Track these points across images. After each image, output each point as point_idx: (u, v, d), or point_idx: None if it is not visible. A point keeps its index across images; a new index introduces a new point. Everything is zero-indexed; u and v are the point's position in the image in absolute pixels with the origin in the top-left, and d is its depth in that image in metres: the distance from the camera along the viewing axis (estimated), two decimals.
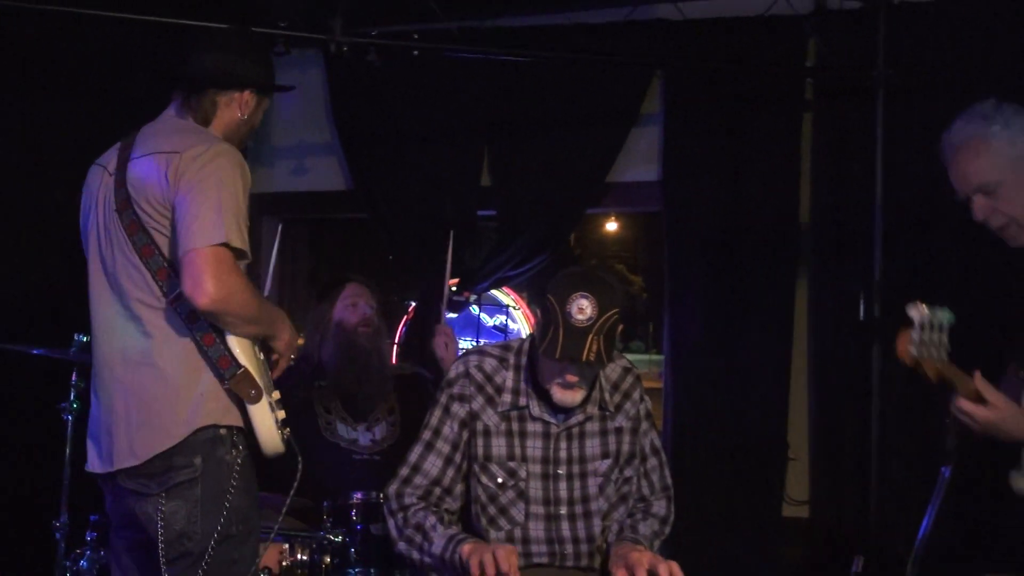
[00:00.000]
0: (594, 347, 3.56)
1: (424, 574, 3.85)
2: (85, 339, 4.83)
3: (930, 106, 5.40)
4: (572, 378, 3.65)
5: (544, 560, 3.75)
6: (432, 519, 3.70)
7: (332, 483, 4.82)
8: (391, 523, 3.81)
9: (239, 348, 3.53)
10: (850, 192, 5.64)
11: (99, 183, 3.70)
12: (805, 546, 5.79)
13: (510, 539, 3.74)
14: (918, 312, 3.46)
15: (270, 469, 4.66)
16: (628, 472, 3.86)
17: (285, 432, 3.62)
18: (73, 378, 4.84)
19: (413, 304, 6.23)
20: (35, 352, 3.81)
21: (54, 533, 4.82)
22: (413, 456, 3.83)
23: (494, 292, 6.42)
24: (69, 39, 5.72)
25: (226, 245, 3.41)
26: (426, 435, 3.84)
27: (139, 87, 5.78)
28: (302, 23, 5.33)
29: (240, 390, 3.51)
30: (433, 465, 3.79)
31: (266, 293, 5.22)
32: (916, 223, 5.45)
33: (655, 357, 6.55)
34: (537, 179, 6.22)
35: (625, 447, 3.85)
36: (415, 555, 3.73)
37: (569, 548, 3.77)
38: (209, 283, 3.36)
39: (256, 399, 3.52)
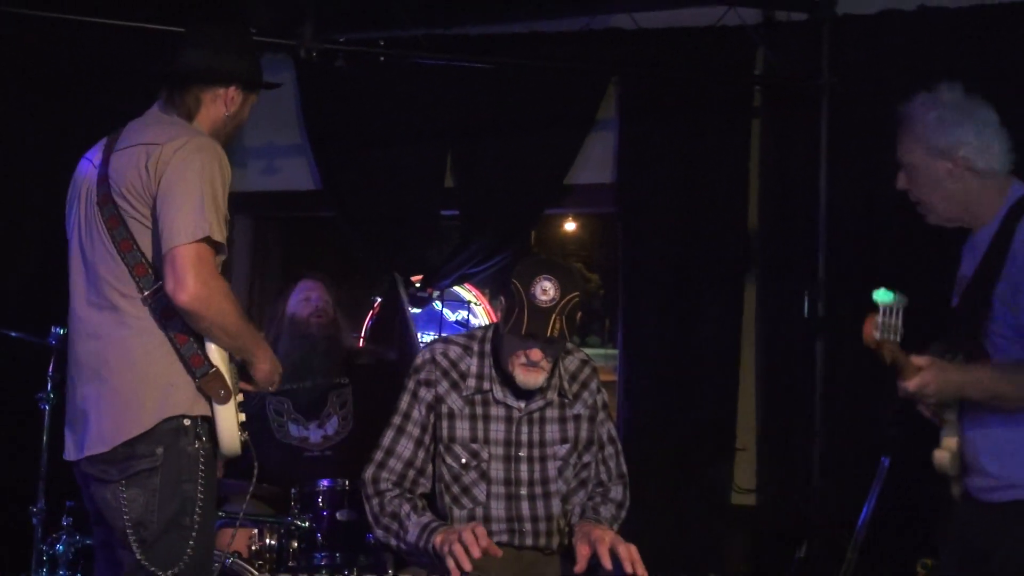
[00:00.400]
0: (557, 325, 3.62)
1: (400, 558, 3.89)
2: (62, 331, 4.80)
3: (872, 113, 5.43)
4: (536, 355, 3.68)
5: (504, 538, 3.76)
6: (407, 507, 3.72)
7: (285, 480, 4.82)
8: (368, 508, 3.82)
9: (214, 348, 3.49)
10: (796, 194, 5.66)
11: (84, 176, 3.66)
12: (752, 533, 5.80)
13: (472, 517, 3.78)
14: (882, 296, 3.49)
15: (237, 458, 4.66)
16: (586, 458, 3.89)
17: (244, 435, 3.58)
18: (50, 369, 4.80)
19: (379, 300, 6.20)
20: (13, 335, 3.78)
21: (31, 518, 4.79)
22: (386, 440, 3.85)
23: (456, 288, 6.42)
24: (50, 41, 5.68)
25: (207, 240, 3.37)
26: (397, 420, 3.86)
27: (121, 86, 5.78)
28: (273, 29, 5.30)
29: (210, 389, 3.47)
30: (405, 448, 3.82)
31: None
32: (859, 223, 5.47)
33: (611, 351, 6.57)
34: (498, 181, 6.21)
35: (583, 434, 3.88)
36: (392, 542, 3.74)
37: (528, 526, 3.80)
38: (191, 281, 3.32)
39: (225, 400, 3.49)
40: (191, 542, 3.45)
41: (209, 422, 3.50)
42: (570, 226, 7.90)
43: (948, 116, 3.74)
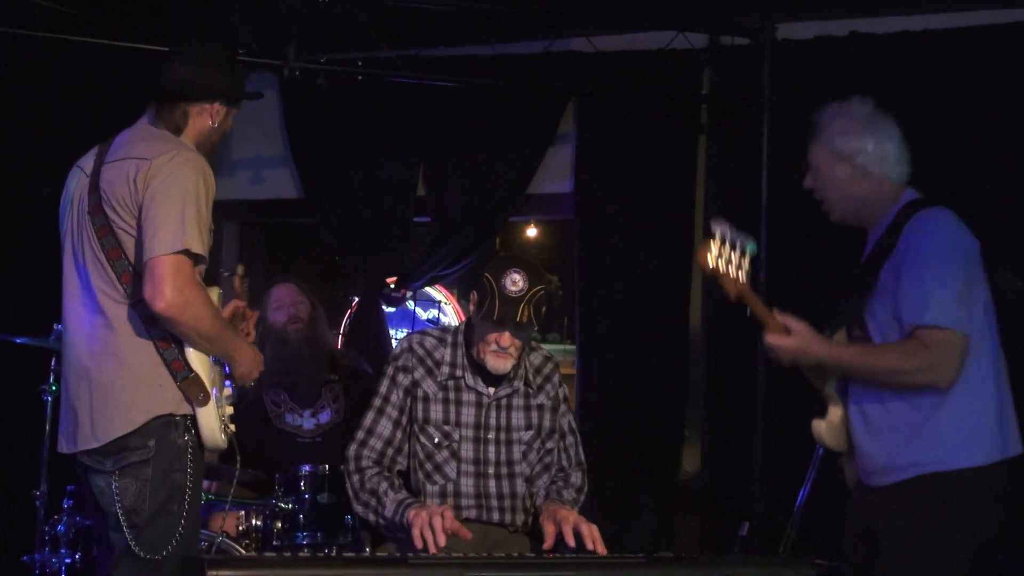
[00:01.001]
0: (525, 313, 3.69)
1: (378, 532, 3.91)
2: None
3: (808, 128, 5.44)
4: (505, 341, 3.74)
5: (472, 513, 3.81)
6: (384, 485, 3.76)
7: (276, 463, 4.81)
8: (349, 483, 3.86)
9: (194, 357, 3.48)
10: (739, 202, 5.69)
11: (76, 184, 3.64)
12: (700, 513, 5.82)
13: (443, 493, 3.82)
14: (720, 226, 3.63)
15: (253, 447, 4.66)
16: (549, 444, 3.94)
17: (230, 428, 3.59)
18: (52, 363, 4.79)
19: (356, 299, 6.21)
20: (18, 341, 3.76)
21: (34, 501, 4.78)
22: (367, 421, 3.89)
23: (428, 289, 6.42)
24: (53, 57, 5.65)
25: (186, 252, 3.35)
26: (377, 402, 3.91)
27: (114, 98, 5.76)
28: (259, 49, 5.29)
29: (190, 392, 3.47)
30: (385, 427, 3.87)
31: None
32: (796, 229, 5.50)
33: (569, 347, 6.58)
34: (466, 190, 6.23)
35: (546, 423, 3.93)
36: (371, 516, 3.78)
37: (495, 503, 3.85)
38: (168, 290, 3.30)
39: (204, 403, 3.48)
40: (180, 528, 3.45)
41: (194, 419, 3.50)
42: (531, 232, 7.90)
43: (852, 126, 3.85)
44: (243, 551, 4.54)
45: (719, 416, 5.78)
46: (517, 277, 3.70)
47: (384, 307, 6.36)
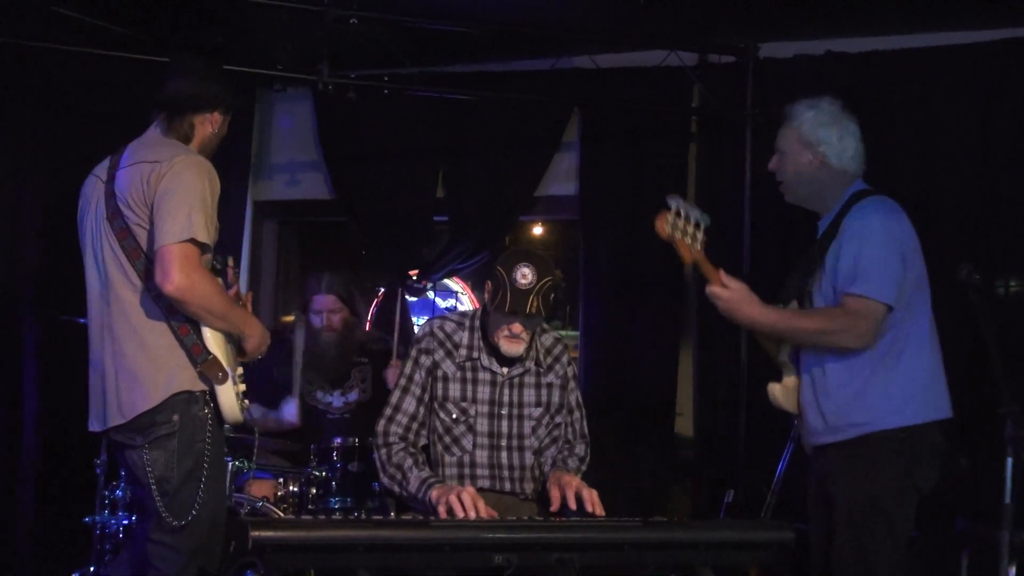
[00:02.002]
0: (535, 304, 3.70)
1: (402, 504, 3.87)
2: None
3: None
4: (517, 328, 3.75)
5: (486, 483, 3.83)
6: (409, 461, 3.75)
7: (308, 437, 4.87)
8: (377, 456, 3.86)
9: (211, 337, 3.49)
10: (725, 203, 5.68)
11: (92, 190, 3.65)
12: (691, 482, 5.83)
13: (460, 464, 3.83)
14: (675, 200, 3.74)
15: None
16: (557, 419, 3.94)
17: (244, 404, 3.59)
18: None
19: (382, 290, 6.22)
20: (81, 321, 3.76)
21: (95, 469, 4.78)
22: (394, 398, 3.89)
23: (446, 280, 6.43)
24: (104, 72, 5.63)
25: (192, 240, 3.38)
26: (402, 381, 3.91)
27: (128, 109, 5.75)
28: (295, 66, 5.29)
29: (209, 373, 3.48)
30: (409, 404, 3.87)
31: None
32: (776, 227, 5.50)
33: (572, 333, 6.59)
34: (481, 192, 6.23)
35: (555, 399, 3.93)
36: (396, 488, 3.77)
37: (506, 473, 3.85)
38: (175, 274, 3.33)
39: (222, 381, 3.50)
40: (201, 490, 3.47)
41: (212, 394, 3.52)
42: (538, 230, 7.89)
43: (821, 118, 3.89)
44: (281, 514, 4.55)
45: (707, 396, 5.78)
46: (527, 271, 3.70)
47: (407, 297, 6.36)
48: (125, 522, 4.68)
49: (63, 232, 4.02)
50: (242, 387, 3.59)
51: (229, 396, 3.52)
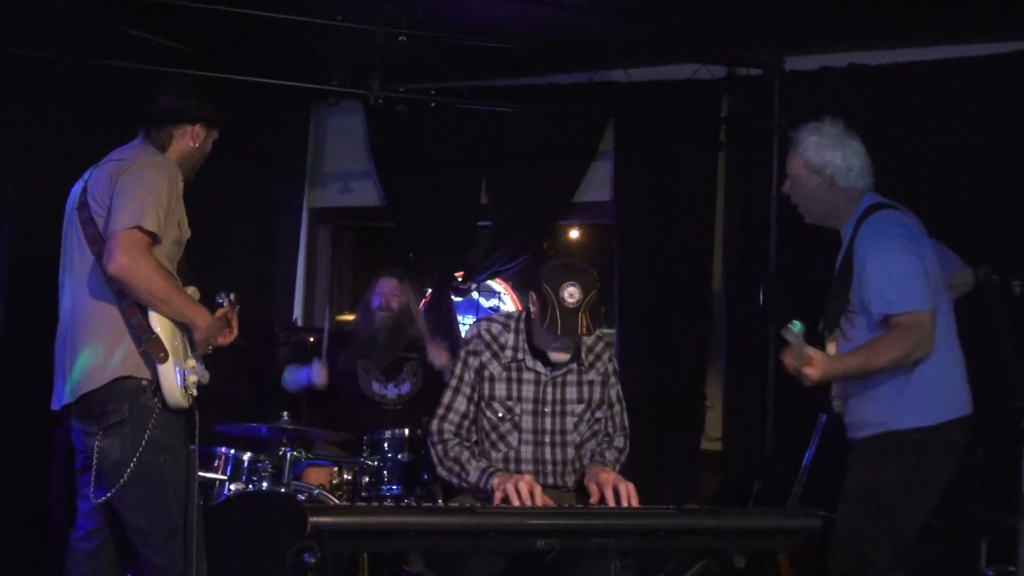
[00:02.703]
0: (584, 322, 3.63)
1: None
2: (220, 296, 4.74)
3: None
4: (568, 343, 3.73)
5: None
6: (466, 454, 3.74)
7: (365, 424, 4.88)
8: (433, 453, 3.83)
9: (157, 322, 3.44)
10: (752, 210, 5.66)
11: (74, 189, 3.67)
12: (721, 472, 5.81)
13: (506, 459, 3.81)
14: (791, 335, 3.56)
15: (329, 413, 4.63)
16: (598, 415, 3.90)
17: (191, 391, 3.53)
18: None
19: (429, 290, 6.24)
20: None
21: None
22: (446, 398, 3.86)
23: (489, 282, 6.44)
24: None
25: (140, 228, 3.36)
26: (453, 382, 3.88)
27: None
28: (349, 81, 5.32)
29: (151, 352, 3.43)
30: (461, 403, 3.84)
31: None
32: (802, 234, 5.43)
33: (608, 330, 6.58)
34: (522, 198, 6.23)
35: (596, 396, 3.89)
36: (455, 480, 3.76)
37: (549, 468, 3.82)
38: (119, 256, 3.32)
39: (163, 360, 3.44)
40: (151, 476, 3.43)
41: (157, 384, 3.46)
42: (574, 234, 7.88)
43: (824, 142, 3.85)
44: (336, 501, 4.58)
45: (737, 389, 5.74)
46: (573, 289, 3.61)
47: (453, 297, 6.38)
48: None
49: None
50: (193, 378, 3.53)
51: (170, 378, 3.45)
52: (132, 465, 3.40)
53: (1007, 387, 3.65)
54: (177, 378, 3.46)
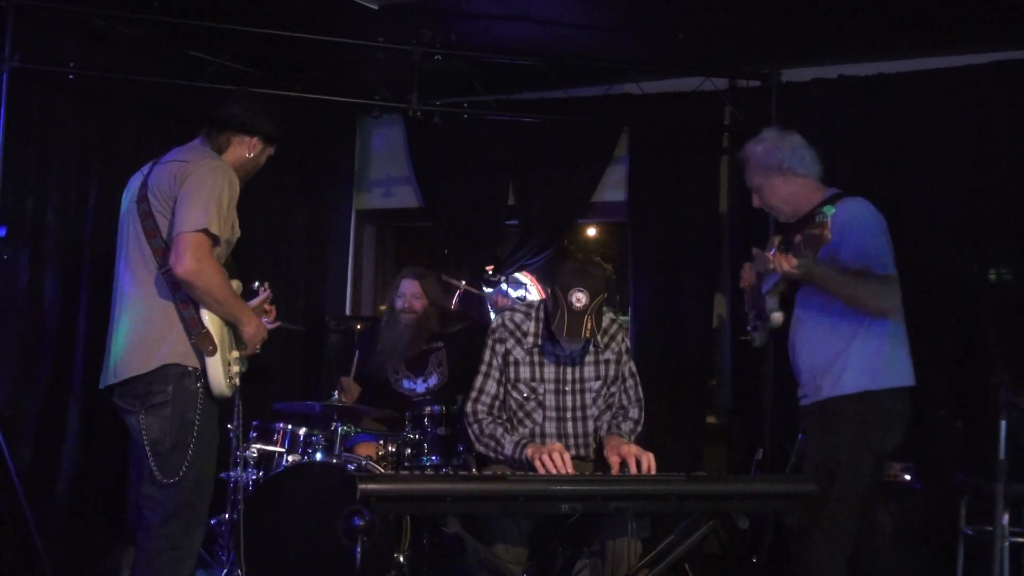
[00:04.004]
0: (588, 325, 3.62)
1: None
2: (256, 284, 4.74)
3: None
4: (572, 343, 3.74)
5: None
6: (500, 430, 3.76)
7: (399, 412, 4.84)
8: (471, 431, 3.85)
9: (207, 317, 3.39)
10: (752, 209, 5.56)
11: (133, 182, 3.60)
12: (724, 444, 5.78)
13: (532, 434, 3.81)
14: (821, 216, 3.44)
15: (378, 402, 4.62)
16: (613, 389, 3.90)
17: (235, 381, 3.49)
18: None
19: (464, 282, 6.23)
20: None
21: (229, 433, 4.83)
22: (477, 382, 3.88)
23: (517, 274, 6.42)
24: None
25: (206, 231, 3.30)
26: (483, 367, 3.89)
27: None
28: (389, 96, 5.32)
29: (201, 345, 3.38)
30: (491, 386, 3.86)
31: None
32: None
33: (622, 318, 6.58)
34: (545, 199, 6.20)
35: (611, 372, 3.89)
36: (492, 455, 3.78)
37: (571, 440, 3.83)
38: (187, 259, 3.26)
39: (212, 353, 3.39)
40: (189, 454, 3.38)
41: (203, 372, 3.42)
42: (592, 231, 7.85)
43: (769, 144, 3.88)
44: (382, 470, 4.58)
45: (739, 368, 5.71)
46: (581, 295, 3.60)
47: (484, 288, 6.37)
48: (253, 477, 4.72)
49: None
50: (236, 368, 3.49)
51: (217, 369, 3.40)
52: (169, 443, 3.37)
53: (986, 363, 3.60)
54: (223, 369, 3.43)
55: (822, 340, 3.75)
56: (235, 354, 3.51)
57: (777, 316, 3.96)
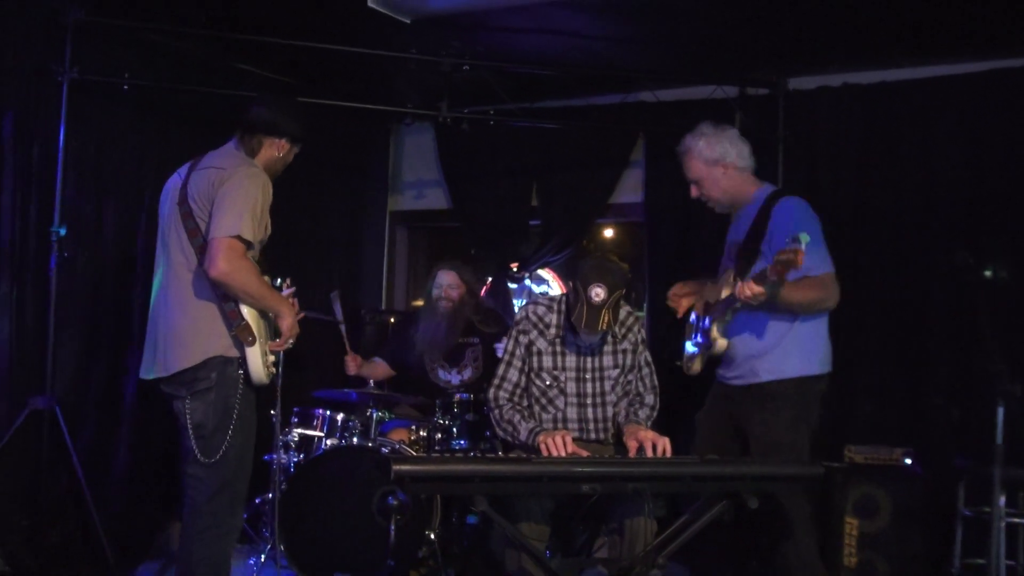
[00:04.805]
0: (606, 319, 3.62)
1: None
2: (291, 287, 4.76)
3: (810, 153, 5.38)
4: (590, 335, 3.72)
5: (576, 434, 3.79)
6: (517, 417, 3.74)
7: (431, 399, 4.86)
8: (492, 416, 3.86)
9: (246, 310, 3.40)
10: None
11: (172, 185, 3.60)
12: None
13: (555, 420, 3.80)
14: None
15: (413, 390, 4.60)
16: (629, 377, 3.89)
17: (271, 369, 3.50)
18: None
19: (490, 279, 6.24)
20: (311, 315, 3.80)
21: (271, 418, 4.84)
22: (500, 370, 3.87)
23: (539, 271, 6.43)
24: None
25: (239, 237, 3.31)
26: (506, 357, 3.88)
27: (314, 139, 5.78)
28: (421, 104, 5.32)
29: (241, 336, 3.40)
30: (513, 374, 3.84)
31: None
32: None
33: (639, 313, 6.56)
34: (566, 201, 6.18)
35: (628, 361, 3.88)
36: (509, 439, 3.77)
37: (591, 425, 3.82)
38: (220, 262, 3.28)
39: (252, 343, 3.41)
40: (229, 436, 3.41)
41: (243, 361, 3.44)
42: (609, 232, 7.83)
43: (710, 139, 3.96)
44: (414, 452, 4.59)
45: None
46: (600, 290, 3.59)
47: (508, 284, 6.37)
48: (295, 460, 4.74)
49: None
50: (272, 358, 3.51)
51: (256, 358, 3.43)
52: (212, 426, 3.40)
53: (983, 353, 3.58)
54: (262, 359, 3.45)
55: (758, 329, 3.85)
56: (270, 344, 3.53)
57: (722, 343, 3.99)
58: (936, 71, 5.13)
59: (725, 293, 3.91)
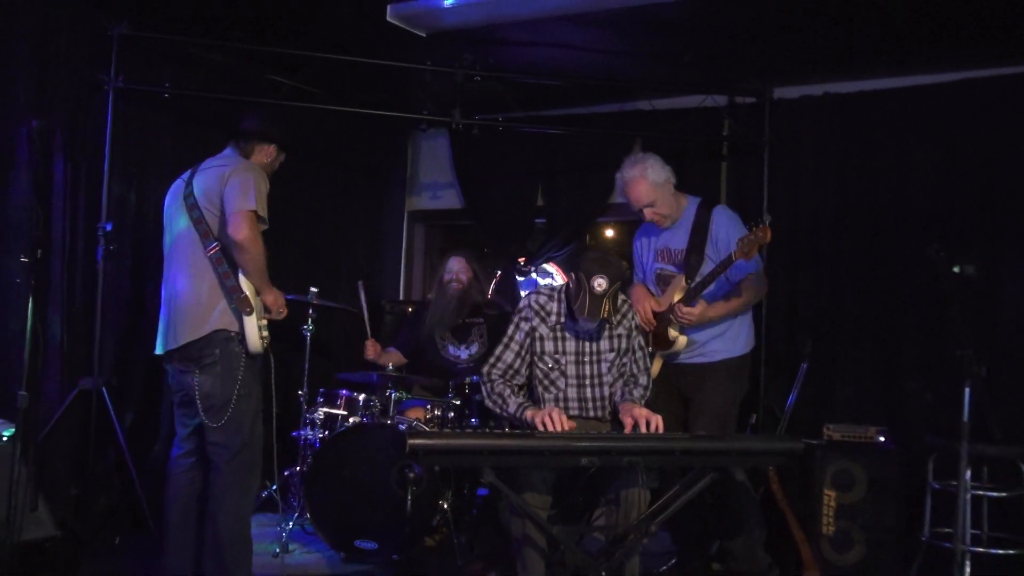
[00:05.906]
0: (606, 307, 3.61)
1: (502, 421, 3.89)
2: (315, 289, 4.81)
3: (795, 158, 5.34)
4: (591, 322, 3.70)
5: (576, 412, 3.78)
6: (507, 391, 3.73)
7: (447, 376, 4.85)
8: (484, 389, 3.86)
9: (245, 285, 3.54)
10: (749, 209, 5.46)
11: (176, 186, 3.75)
12: None
13: (556, 399, 3.78)
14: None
15: (427, 368, 4.59)
16: (624, 360, 3.87)
17: (265, 341, 3.60)
18: (310, 311, 4.85)
19: (499, 272, 6.23)
20: (289, 297, 3.83)
21: (299, 398, 4.86)
22: (497, 351, 3.87)
23: (544, 265, 6.41)
24: (303, 120, 5.70)
25: (255, 212, 3.47)
26: (505, 339, 3.88)
27: (334, 143, 5.75)
28: (435, 111, 5.32)
29: (241, 307, 3.54)
30: (508, 355, 3.84)
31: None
32: (791, 223, 5.35)
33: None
34: (569, 201, 6.16)
35: (623, 345, 3.86)
36: (497, 411, 3.76)
37: (590, 404, 3.80)
38: (244, 228, 3.44)
39: (249, 313, 3.55)
40: (233, 402, 3.53)
41: (243, 335, 3.55)
42: (609, 232, 7.81)
43: (649, 165, 4.12)
44: (428, 430, 4.58)
45: None
46: (601, 280, 3.58)
47: (516, 277, 6.36)
48: (321, 435, 4.75)
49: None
50: (265, 333, 3.61)
51: (252, 327, 3.56)
52: (219, 396, 3.52)
53: (952, 339, 3.57)
54: (256, 330, 3.56)
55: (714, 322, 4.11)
56: (264, 321, 3.64)
57: (682, 340, 4.15)
58: (911, 81, 5.10)
59: (677, 297, 4.08)
